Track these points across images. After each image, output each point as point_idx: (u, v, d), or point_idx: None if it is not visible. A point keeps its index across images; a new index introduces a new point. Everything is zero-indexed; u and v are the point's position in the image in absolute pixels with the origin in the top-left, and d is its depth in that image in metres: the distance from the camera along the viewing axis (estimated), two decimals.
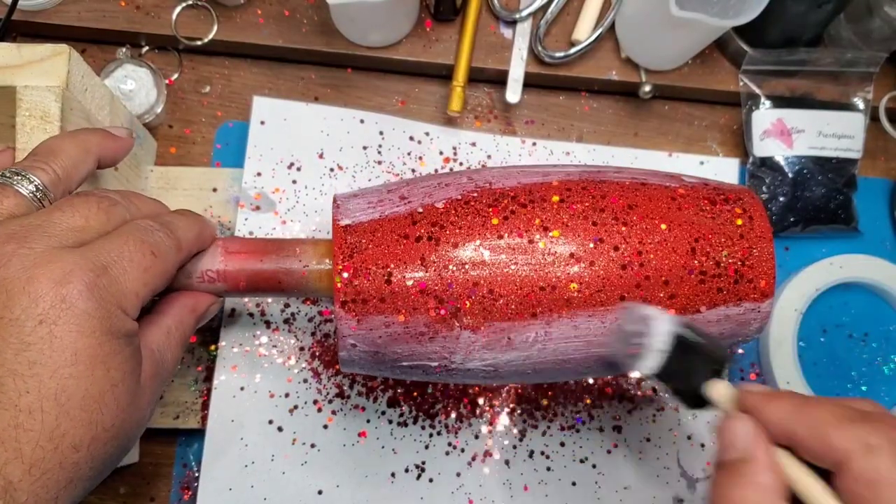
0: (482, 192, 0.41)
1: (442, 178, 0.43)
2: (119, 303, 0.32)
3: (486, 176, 0.42)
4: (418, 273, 0.39)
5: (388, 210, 0.41)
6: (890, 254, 0.60)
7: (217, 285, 0.41)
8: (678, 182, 0.43)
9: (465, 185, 0.41)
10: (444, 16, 0.58)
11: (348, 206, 0.42)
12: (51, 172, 0.36)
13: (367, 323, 0.40)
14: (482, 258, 0.39)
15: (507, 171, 0.43)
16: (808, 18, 0.57)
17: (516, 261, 0.39)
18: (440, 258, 0.39)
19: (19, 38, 0.58)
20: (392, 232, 0.40)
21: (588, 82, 0.61)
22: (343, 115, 0.57)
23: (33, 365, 0.29)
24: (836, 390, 0.58)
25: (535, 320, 0.39)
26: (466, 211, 0.40)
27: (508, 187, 0.41)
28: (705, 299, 0.40)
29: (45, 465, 0.29)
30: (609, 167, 0.44)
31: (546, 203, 0.40)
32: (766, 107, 0.59)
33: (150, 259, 0.34)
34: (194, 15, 0.58)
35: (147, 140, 0.55)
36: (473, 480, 0.52)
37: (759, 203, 0.43)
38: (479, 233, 0.39)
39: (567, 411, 0.54)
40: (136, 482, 0.52)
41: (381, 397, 0.53)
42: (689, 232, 0.40)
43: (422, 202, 0.41)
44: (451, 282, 0.39)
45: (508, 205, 0.40)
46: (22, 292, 0.30)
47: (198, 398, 0.52)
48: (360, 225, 0.40)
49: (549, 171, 0.42)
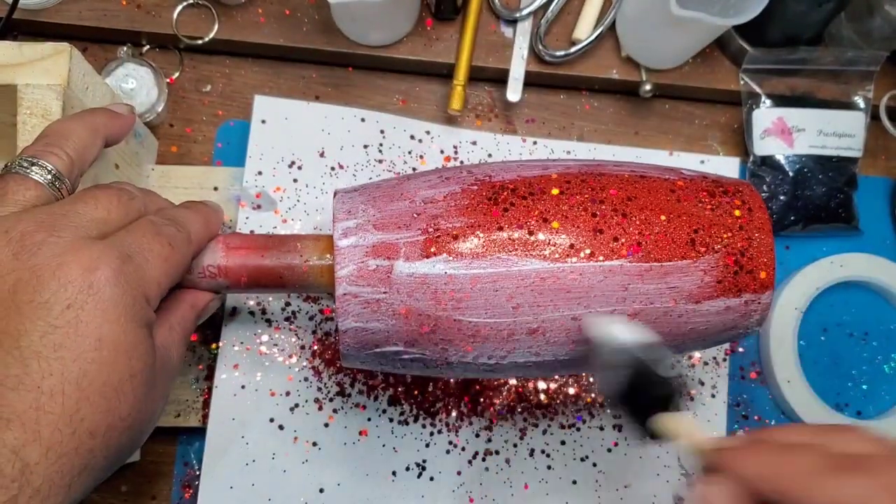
0: (482, 184, 0.41)
1: (442, 172, 0.43)
2: (143, 291, 0.33)
3: (485, 170, 0.42)
4: (419, 266, 0.39)
5: (389, 205, 0.41)
6: (890, 252, 0.60)
7: (218, 281, 0.41)
8: (677, 175, 0.43)
9: (465, 178, 0.41)
10: (445, 15, 0.58)
11: (349, 201, 0.42)
12: (64, 157, 0.36)
13: (367, 317, 0.40)
14: (482, 250, 0.39)
15: (507, 164, 0.43)
16: (808, 17, 0.57)
17: (517, 252, 0.39)
18: (440, 251, 0.39)
19: (20, 36, 0.58)
20: (392, 226, 0.40)
21: (589, 81, 0.61)
22: (344, 114, 0.57)
23: (59, 348, 0.30)
24: (836, 389, 0.58)
25: (538, 310, 0.39)
26: (466, 203, 0.40)
27: (508, 179, 0.41)
28: (705, 291, 0.40)
29: (61, 448, 0.29)
30: (609, 161, 0.44)
31: (546, 195, 0.40)
32: (766, 106, 0.59)
33: (168, 250, 0.35)
34: (195, 14, 0.58)
35: (148, 139, 0.55)
36: (474, 479, 0.53)
37: (757, 196, 0.43)
38: (479, 225, 0.39)
39: (567, 410, 0.54)
40: (137, 480, 0.52)
41: (382, 395, 0.53)
42: (689, 223, 0.40)
43: (422, 196, 0.41)
44: (452, 274, 0.39)
45: (508, 197, 0.40)
46: (52, 277, 0.31)
47: (199, 396, 0.52)
48: (361, 219, 0.40)
49: (549, 165, 0.42)
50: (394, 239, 0.39)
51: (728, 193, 0.42)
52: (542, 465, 0.53)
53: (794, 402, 0.55)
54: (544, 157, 0.59)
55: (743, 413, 0.57)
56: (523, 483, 0.53)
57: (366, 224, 0.40)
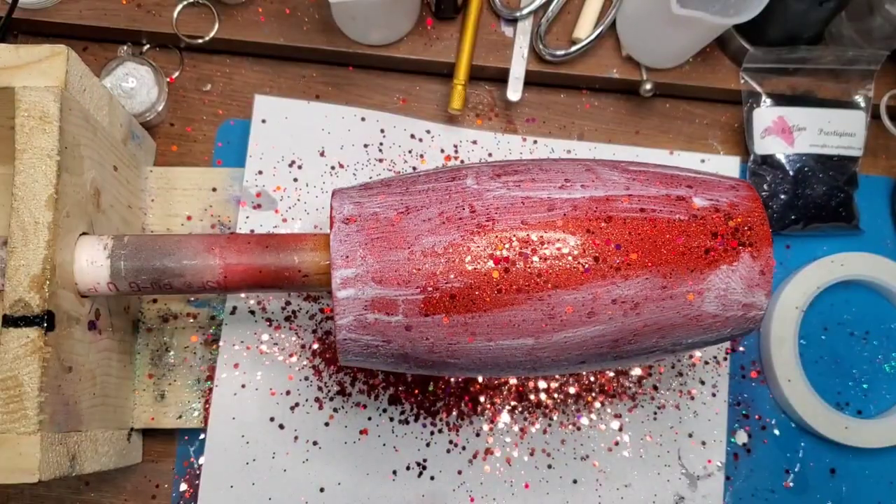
0: (483, 231, 0.39)
1: (443, 207, 0.40)
2: None
3: (487, 205, 0.40)
4: (417, 322, 0.39)
5: (388, 254, 0.40)
6: (891, 252, 0.60)
7: (218, 282, 0.41)
8: (686, 212, 0.41)
9: (467, 221, 0.40)
10: (445, 14, 0.58)
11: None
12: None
13: (367, 355, 0.40)
14: (480, 313, 0.39)
15: (513, 200, 0.40)
16: (809, 16, 0.57)
17: (514, 324, 0.39)
18: (439, 311, 0.40)
19: (20, 36, 0.58)
20: (391, 280, 0.40)
21: (589, 80, 0.61)
22: (344, 114, 0.57)
23: None
24: (836, 388, 0.58)
25: (537, 366, 0.41)
26: (467, 261, 0.39)
27: (512, 226, 0.39)
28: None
29: None
30: (619, 184, 0.41)
31: (549, 257, 0.39)
32: (767, 105, 0.59)
33: None
34: (195, 13, 0.58)
35: (146, 141, 0.55)
36: (474, 478, 0.53)
37: (767, 234, 0.42)
38: (478, 286, 0.39)
39: (568, 409, 0.54)
40: (137, 480, 0.53)
41: (383, 395, 0.53)
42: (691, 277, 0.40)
43: (422, 247, 0.39)
44: (450, 332, 0.39)
45: (511, 257, 0.39)
46: None
47: (200, 398, 0.52)
48: (360, 269, 0.40)
49: (555, 203, 0.40)
50: (393, 295, 0.39)
51: (740, 240, 0.41)
52: (543, 465, 0.53)
53: (795, 401, 0.55)
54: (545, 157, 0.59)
55: (744, 412, 0.57)
56: (524, 482, 0.53)
57: (364, 275, 0.39)
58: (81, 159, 0.43)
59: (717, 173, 0.44)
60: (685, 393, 0.55)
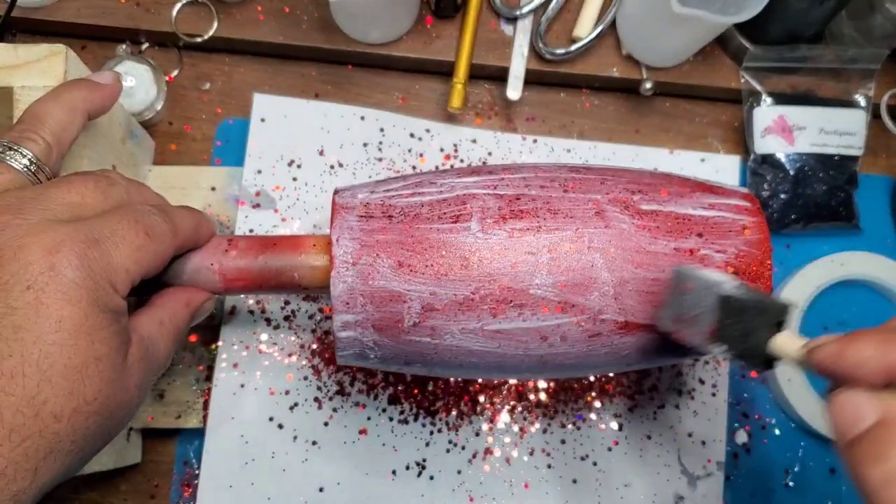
0: (477, 295, 0.39)
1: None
2: (108, 277, 0.32)
3: (486, 265, 0.39)
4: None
5: (387, 305, 0.40)
6: (891, 251, 0.60)
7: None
8: (695, 246, 0.41)
9: (464, 265, 0.40)
10: (445, 12, 0.58)
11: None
12: (41, 142, 0.36)
13: (363, 316, 0.40)
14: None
15: (512, 261, 0.40)
16: (809, 15, 0.56)
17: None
18: (436, 361, 0.41)
19: (19, 35, 0.58)
20: (390, 330, 0.40)
21: (589, 79, 0.60)
22: (343, 112, 0.57)
23: (18, 329, 0.29)
24: None
25: (517, 309, 0.40)
26: (463, 320, 0.40)
27: (504, 298, 0.40)
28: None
29: (25, 431, 0.29)
30: (631, 238, 0.40)
31: (543, 314, 0.40)
32: (767, 104, 0.59)
33: (144, 238, 0.34)
34: (194, 11, 0.58)
35: (145, 139, 0.55)
36: (474, 478, 0.53)
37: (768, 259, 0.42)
38: (473, 344, 0.40)
39: (568, 409, 0.54)
40: (137, 479, 0.52)
41: (382, 394, 0.53)
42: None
43: (421, 304, 0.40)
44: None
45: (508, 312, 0.40)
46: (13, 259, 0.30)
47: (199, 397, 0.52)
48: (360, 316, 0.40)
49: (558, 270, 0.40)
50: (391, 343, 0.40)
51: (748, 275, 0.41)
52: (543, 465, 0.53)
53: (795, 400, 0.55)
54: (545, 156, 0.59)
55: (743, 412, 0.57)
56: (523, 482, 0.53)
57: (364, 322, 0.39)
58: (80, 158, 0.43)
59: (725, 193, 0.43)
60: (685, 392, 0.55)
